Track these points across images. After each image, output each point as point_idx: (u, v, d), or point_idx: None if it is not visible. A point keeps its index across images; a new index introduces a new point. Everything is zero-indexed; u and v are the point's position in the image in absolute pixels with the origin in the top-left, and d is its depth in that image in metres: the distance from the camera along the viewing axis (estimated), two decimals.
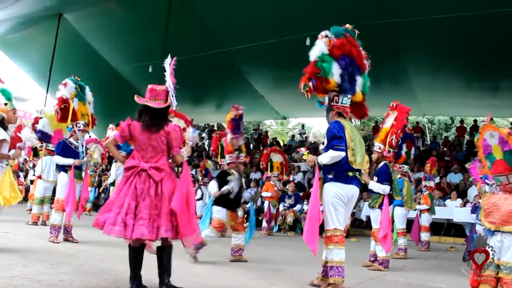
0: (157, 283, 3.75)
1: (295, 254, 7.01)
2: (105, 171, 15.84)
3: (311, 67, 4.24)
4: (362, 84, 4.64)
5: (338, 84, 4.33)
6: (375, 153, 6.40)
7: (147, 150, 3.71)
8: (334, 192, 4.28)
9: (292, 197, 12.55)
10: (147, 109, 3.75)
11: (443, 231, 11.67)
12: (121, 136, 3.85)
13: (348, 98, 4.46)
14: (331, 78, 4.26)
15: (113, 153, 4.07)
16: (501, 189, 3.70)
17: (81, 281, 4.00)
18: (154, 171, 3.62)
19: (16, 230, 7.73)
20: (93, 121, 7.13)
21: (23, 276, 4.00)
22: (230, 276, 4.89)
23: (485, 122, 3.82)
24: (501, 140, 3.63)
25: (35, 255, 5.22)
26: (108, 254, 5.55)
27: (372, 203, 6.26)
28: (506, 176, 3.64)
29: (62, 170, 6.85)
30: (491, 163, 3.74)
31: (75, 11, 15.36)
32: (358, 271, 5.80)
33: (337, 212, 4.28)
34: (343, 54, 4.35)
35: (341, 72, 4.33)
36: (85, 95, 6.96)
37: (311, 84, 4.20)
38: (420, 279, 5.53)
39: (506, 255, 3.55)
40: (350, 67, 4.42)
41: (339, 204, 4.28)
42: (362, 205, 12.32)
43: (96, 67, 16.92)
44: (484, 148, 3.81)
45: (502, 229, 3.58)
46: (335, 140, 4.24)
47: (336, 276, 4.18)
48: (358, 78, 4.56)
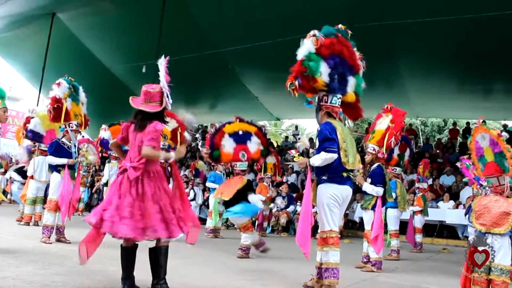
0: (150, 283, 3.74)
1: (288, 255, 7.01)
2: (98, 172, 15.77)
3: (298, 66, 4.23)
4: (355, 85, 4.61)
5: (327, 84, 4.31)
6: (368, 154, 6.39)
7: (133, 149, 3.75)
8: (329, 193, 4.28)
9: (286, 198, 12.57)
10: (142, 111, 3.76)
11: (436, 233, 11.72)
12: (121, 137, 3.90)
13: (338, 98, 4.44)
14: (318, 77, 4.24)
15: (118, 154, 4.16)
16: (492, 191, 3.73)
17: (74, 282, 3.99)
18: (131, 170, 3.64)
19: (8, 230, 7.67)
20: (86, 122, 7.09)
21: (14, 277, 3.98)
22: (223, 277, 4.89)
23: (477, 124, 3.85)
24: (492, 142, 3.66)
25: (27, 256, 5.19)
26: (100, 255, 5.49)
27: (365, 205, 6.27)
28: (497, 178, 3.67)
29: (55, 170, 6.82)
30: (483, 165, 3.77)
31: (69, 11, 15.26)
32: (351, 272, 5.82)
33: (333, 214, 4.28)
34: (332, 54, 4.32)
35: (329, 72, 4.30)
36: (79, 96, 6.93)
37: (297, 83, 4.18)
38: (412, 281, 5.55)
39: (497, 257, 3.58)
40: (340, 66, 4.39)
41: (334, 206, 4.29)
42: (355, 207, 12.35)
43: (89, 67, 16.82)
44: (476, 150, 3.84)
45: (492, 231, 3.60)
46: (327, 142, 4.23)
47: (332, 278, 4.18)
48: (350, 79, 4.53)
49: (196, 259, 5.62)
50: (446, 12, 10.83)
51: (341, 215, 4.61)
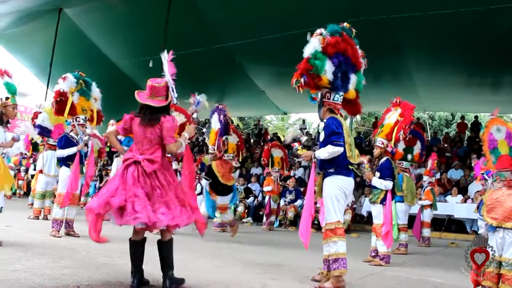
0: (159, 277, 3.76)
1: (296, 249, 7.01)
2: (105, 166, 15.84)
3: (304, 64, 4.35)
4: (356, 82, 4.72)
5: (330, 82, 4.42)
6: (377, 148, 6.38)
7: (143, 142, 3.76)
8: (337, 185, 4.38)
9: (293, 192, 12.57)
10: (148, 106, 3.77)
11: (444, 227, 11.68)
12: (123, 128, 3.90)
13: (340, 95, 4.55)
14: (323, 75, 4.36)
15: (113, 143, 4.12)
16: (505, 185, 3.68)
17: (83, 275, 4.02)
18: (146, 162, 3.67)
19: (18, 224, 7.73)
20: (99, 118, 7.12)
21: (26, 270, 4.02)
22: (231, 271, 4.90)
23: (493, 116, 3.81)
24: (509, 135, 3.61)
25: (37, 249, 5.24)
26: (109, 248, 5.55)
27: (374, 199, 6.26)
28: (511, 172, 3.62)
29: (64, 164, 6.86)
30: (495, 157, 3.72)
31: (75, 6, 15.29)
32: (359, 266, 5.82)
33: (339, 205, 4.37)
34: (337, 52, 4.43)
35: (334, 70, 4.41)
36: (90, 91, 6.94)
37: (302, 80, 4.30)
38: (420, 275, 5.54)
39: (508, 251, 3.55)
40: (344, 65, 4.49)
41: (341, 197, 4.39)
42: (362, 201, 12.33)
43: (96, 62, 16.86)
44: (489, 142, 3.80)
45: (504, 226, 3.57)
46: (333, 136, 4.33)
47: (342, 268, 4.25)
48: (352, 76, 4.64)
49: (204, 253, 5.64)
50: (453, 4, 10.73)
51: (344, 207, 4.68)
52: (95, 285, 3.70)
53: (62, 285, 3.60)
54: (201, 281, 4.13)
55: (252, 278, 4.55)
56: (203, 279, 4.22)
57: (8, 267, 4.08)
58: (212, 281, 4.23)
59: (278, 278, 4.64)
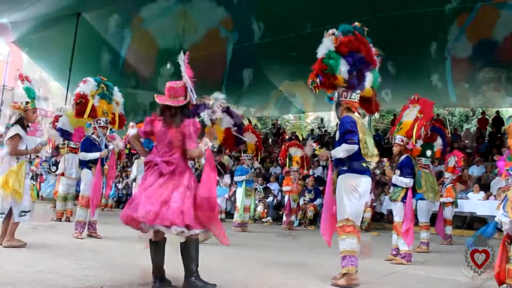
0: (181, 277, 3.79)
1: (317, 248, 6.99)
2: (125, 168, 16.01)
3: (318, 64, 4.41)
4: (373, 80, 4.74)
5: (346, 80, 4.45)
6: (396, 146, 6.33)
7: (163, 144, 3.80)
8: (350, 183, 4.39)
9: (312, 191, 12.53)
10: (168, 107, 3.80)
11: (466, 225, 11.50)
12: (144, 131, 3.95)
13: (356, 93, 4.57)
14: (338, 75, 4.40)
15: (136, 147, 4.19)
16: None
17: (106, 276, 4.07)
18: (163, 164, 3.70)
19: (41, 226, 7.86)
20: (121, 121, 7.22)
21: (50, 271, 4.10)
22: (251, 271, 4.92)
23: None
24: None
25: (60, 251, 5.33)
26: (131, 249, 5.62)
27: (394, 197, 6.20)
28: None
29: (86, 166, 6.96)
30: None
31: (93, 10, 15.51)
32: (380, 265, 5.77)
33: (350, 203, 4.37)
34: (351, 51, 4.45)
35: (348, 69, 4.43)
36: (112, 95, 7.04)
37: (318, 80, 4.37)
38: (442, 273, 5.47)
39: None
40: (358, 63, 4.50)
41: (353, 196, 4.39)
42: (383, 199, 12.23)
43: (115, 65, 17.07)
44: None
45: None
46: (348, 134, 4.37)
47: (350, 265, 4.25)
48: (368, 74, 4.65)
49: (223, 253, 5.66)
50: None
51: (363, 205, 4.67)
52: (118, 286, 3.76)
53: (86, 286, 3.66)
54: (222, 281, 4.14)
55: (274, 277, 4.56)
56: (223, 279, 4.23)
57: (33, 268, 4.16)
58: (233, 280, 4.25)
59: (299, 277, 4.63)
